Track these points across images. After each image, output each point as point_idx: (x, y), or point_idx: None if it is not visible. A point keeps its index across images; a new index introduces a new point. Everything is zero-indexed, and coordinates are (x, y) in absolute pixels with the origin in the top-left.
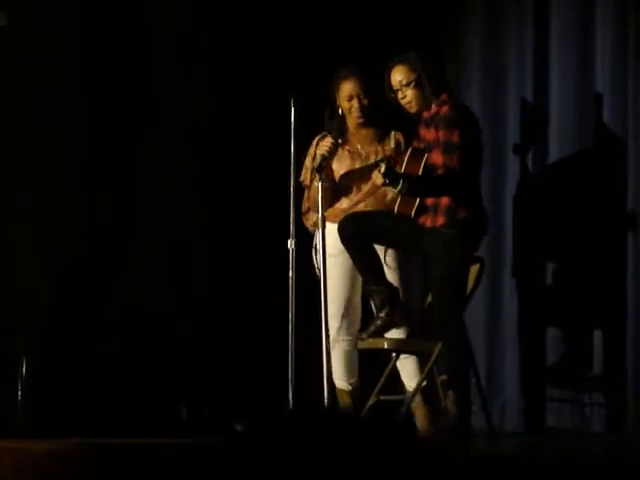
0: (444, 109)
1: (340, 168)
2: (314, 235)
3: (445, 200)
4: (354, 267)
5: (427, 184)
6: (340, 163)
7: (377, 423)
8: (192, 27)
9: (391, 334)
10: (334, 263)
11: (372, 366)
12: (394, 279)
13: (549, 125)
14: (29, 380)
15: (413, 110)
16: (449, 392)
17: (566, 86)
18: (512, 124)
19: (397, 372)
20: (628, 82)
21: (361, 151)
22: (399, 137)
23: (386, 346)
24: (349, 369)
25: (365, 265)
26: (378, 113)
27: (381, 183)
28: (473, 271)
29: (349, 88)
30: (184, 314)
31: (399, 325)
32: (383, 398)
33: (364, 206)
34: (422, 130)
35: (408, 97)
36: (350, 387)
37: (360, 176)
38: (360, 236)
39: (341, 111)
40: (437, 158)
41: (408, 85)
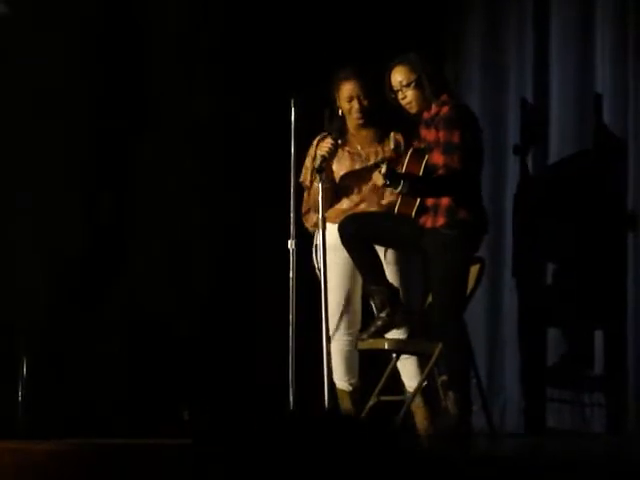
0: (444, 109)
1: (340, 169)
2: (314, 235)
3: (445, 200)
4: (354, 267)
5: (428, 184)
6: (340, 164)
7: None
8: (192, 27)
9: (391, 334)
10: (334, 263)
11: (372, 366)
12: (394, 279)
13: (549, 125)
14: (29, 380)
15: (413, 111)
16: (449, 392)
17: (566, 86)
18: (512, 124)
19: (397, 372)
20: (628, 82)
21: (361, 152)
22: (399, 138)
23: (386, 346)
24: (349, 369)
25: (365, 265)
26: (378, 114)
27: (382, 184)
28: (473, 271)
29: (349, 89)
30: (184, 314)
31: (399, 325)
32: (384, 398)
33: (364, 207)
34: (422, 130)
35: (408, 98)
36: (350, 387)
37: (360, 177)
38: (360, 237)
39: (341, 112)
40: (438, 158)
41: (408, 86)
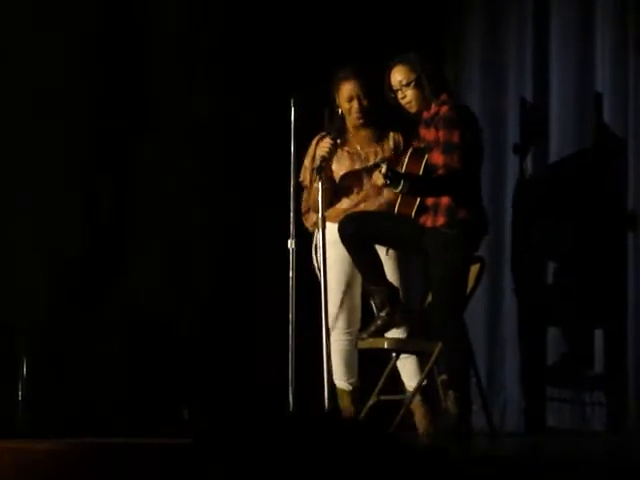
0: (444, 109)
1: (340, 169)
2: (314, 235)
3: (445, 200)
4: (354, 267)
5: (428, 184)
6: (339, 164)
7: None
8: (192, 27)
9: (391, 334)
10: (334, 263)
11: (372, 366)
12: (394, 279)
13: (549, 125)
14: (29, 380)
15: (413, 110)
16: (449, 392)
17: (566, 86)
18: (512, 124)
19: (397, 372)
20: (628, 82)
21: (360, 152)
22: (398, 138)
23: (386, 346)
24: (349, 369)
25: (365, 265)
26: (377, 114)
27: (382, 184)
28: (473, 271)
29: (349, 89)
30: (184, 314)
31: (399, 325)
32: (383, 398)
33: (364, 207)
34: (422, 130)
35: (408, 97)
36: (350, 387)
37: (360, 177)
38: (360, 236)
39: (340, 111)
40: (437, 158)
41: (408, 85)
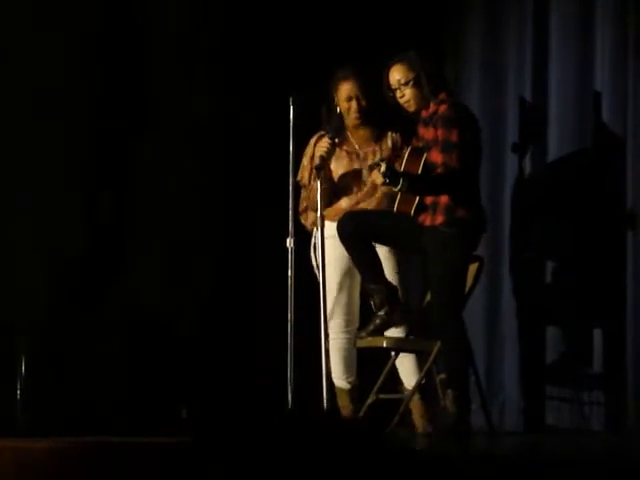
0: (442, 108)
1: (338, 168)
2: (313, 234)
3: (444, 199)
4: (353, 266)
5: (427, 183)
6: (338, 163)
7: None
8: (192, 27)
9: (390, 333)
10: (333, 261)
11: (371, 365)
12: (393, 278)
13: (548, 124)
14: (29, 379)
15: (412, 109)
16: (448, 391)
17: (565, 86)
18: (511, 123)
19: (396, 371)
20: (628, 82)
21: (359, 151)
22: (396, 137)
23: (385, 345)
24: (348, 368)
25: (364, 264)
26: (376, 113)
27: (381, 182)
28: (472, 270)
29: (347, 89)
30: (184, 314)
31: (398, 324)
32: (382, 397)
33: (364, 206)
34: (421, 129)
35: (407, 96)
36: (349, 386)
37: (359, 176)
38: (359, 235)
39: (339, 110)
40: (436, 157)
41: (407, 84)
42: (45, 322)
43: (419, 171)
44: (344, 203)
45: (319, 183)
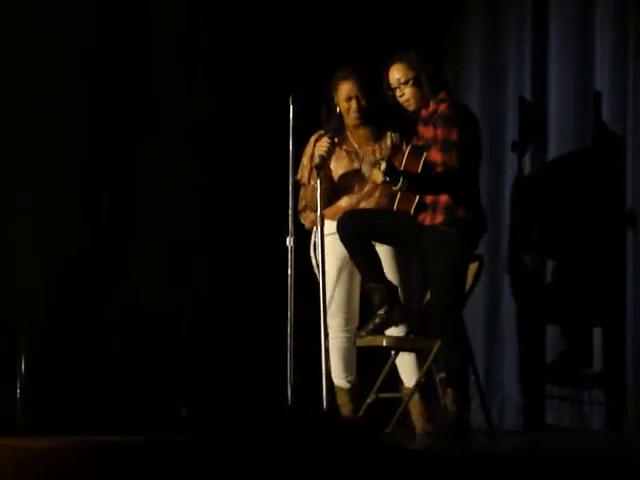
0: (442, 107)
1: (338, 167)
2: (312, 233)
3: (444, 198)
4: (352, 265)
5: (426, 182)
6: (338, 163)
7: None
8: (192, 27)
9: (390, 332)
10: (333, 260)
11: (371, 364)
12: (393, 277)
13: (548, 124)
14: (29, 379)
15: (411, 108)
16: (448, 390)
17: (565, 85)
18: (511, 123)
19: (396, 369)
20: (628, 81)
21: (359, 150)
22: (395, 137)
23: (385, 343)
24: (347, 367)
25: (364, 263)
26: (376, 113)
27: (381, 181)
28: (472, 269)
29: (347, 89)
30: (184, 314)
31: (398, 323)
32: (382, 396)
33: (364, 205)
34: (421, 128)
35: (406, 95)
36: (348, 385)
37: (359, 176)
38: (359, 234)
39: (339, 110)
40: (436, 156)
41: (406, 83)
42: (45, 322)
43: (419, 170)
44: (344, 202)
45: (319, 182)
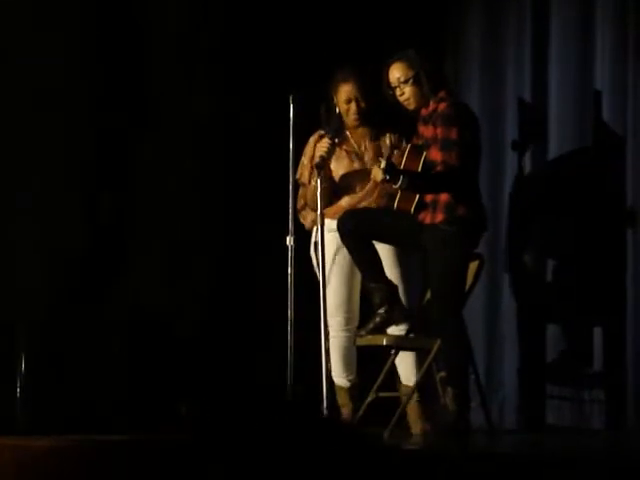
0: (442, 106)
1: (338, 168)
2: (313, 232)
3: (444, 197)
4: (353, 264)
5: (426, 180)
6: (338, 163)
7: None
8: (192, 27)
9: (390, 331)
10: (333, 260)
11: (371, 363)
12: (394, 276)
13: (548, 123)
14: (29, 378)
15: (411, 107)
16: (448, 389)
17: (566, 84)
18: (511, 122)
19: (396, 368)
20: (628, 81)
21: (358, 150)
22: (394, 138)
23: (385, 342)
24: (347, 366)
25: (364, 262)
26: (375, 115)
27: (381, 179)
28: (472, 268)
29: (347, 91)
30: (184, 314)
31: (398, 322)
32: (382, 395)
33: (364, 205)
34: (420, 127)
35: (406, 94)
36: (348, 384)
37: (359, 176)
38: (359, 233)
39: (338, 110)
40: (435, 155)
41: (406, 82)
42: (45, 322)
43: (419, 169)
44: (344, 202)
45: (319, 182)
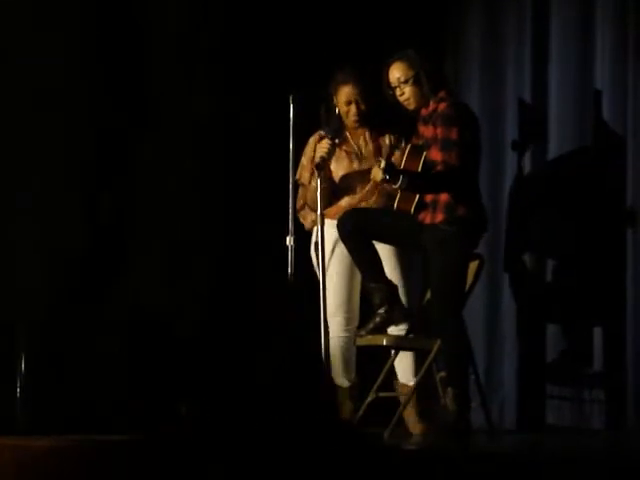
0: (442, 106)
1: (339, 169)
2: (313, 232)
3: (444, 197)
4: (353, 264)
5: (426, 180)
6: (338, 164)
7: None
8: (192, 27)
9: (390, 331)
10: (333, 260)
11: (371, 363)
12: (394, 276)
13: (548, 123)
14: (29, 378)
15: (411, 107)
16: (448, 389)
17: (566, 84)
18: (511, 122)
19: (393, 368)
20: (628, 81)
21: (358, 151)
22: (393, 140)
23: (385, 343)
24: (347, 366)
25: (364, 262)
26: (375, 116)
27: (381, 179)
28: (472, 268)
29: (347, 93)
30: (184, 314)
31: (398, 322)
32: (382, 395)
33: (364, 205)
34: (420, 127)
35: (406, 94)
36: (349, 384)
37: (359, 176)
38: (359, 233)
39: (338, 111)
40: (436, 155)
41: (406, 82)
42: (45, 322)
43: (419, 169)
44: (344, 202)
45: (319, 182)
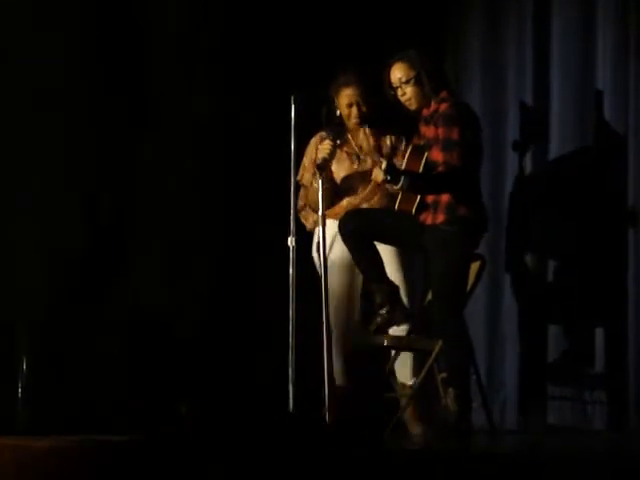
0: (443, 106)
1: (340, 170)
2: (314, 233)
3: (445, 197)
4: (354, 265)
5: (427, 181)
6: (339, 165)
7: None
8: (192, 27)
9: (391, 331)
10: (334, 260)
11: (371, 363)
12: (395, 277)
13: (550, 123)
14: (30, 378)
15: (412, 107)
16: (449, 389)
17: (567, 84)
18: (512, 122)
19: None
20: (629, 81)
21: (359, 152)
22: (394, 141)
23: (386, 343)
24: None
25: (365, 262)
26: (376, 115)
27: (382, 179)
28: (473, 268)
29: (349, 95)
30: (184, 314)
31: (399, 323)
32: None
33: (365, 206)
34: (422, 127)
35: (407, 94)
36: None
37: (360, 177)
38: (361, 233)
39: (339, 113)
40: (437, 155)
41: (407, 82)
42: (45, 322)
43: (420, 169)
44: (345, 203)
45: (321, 183)
